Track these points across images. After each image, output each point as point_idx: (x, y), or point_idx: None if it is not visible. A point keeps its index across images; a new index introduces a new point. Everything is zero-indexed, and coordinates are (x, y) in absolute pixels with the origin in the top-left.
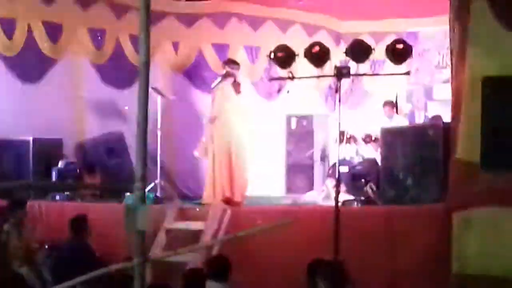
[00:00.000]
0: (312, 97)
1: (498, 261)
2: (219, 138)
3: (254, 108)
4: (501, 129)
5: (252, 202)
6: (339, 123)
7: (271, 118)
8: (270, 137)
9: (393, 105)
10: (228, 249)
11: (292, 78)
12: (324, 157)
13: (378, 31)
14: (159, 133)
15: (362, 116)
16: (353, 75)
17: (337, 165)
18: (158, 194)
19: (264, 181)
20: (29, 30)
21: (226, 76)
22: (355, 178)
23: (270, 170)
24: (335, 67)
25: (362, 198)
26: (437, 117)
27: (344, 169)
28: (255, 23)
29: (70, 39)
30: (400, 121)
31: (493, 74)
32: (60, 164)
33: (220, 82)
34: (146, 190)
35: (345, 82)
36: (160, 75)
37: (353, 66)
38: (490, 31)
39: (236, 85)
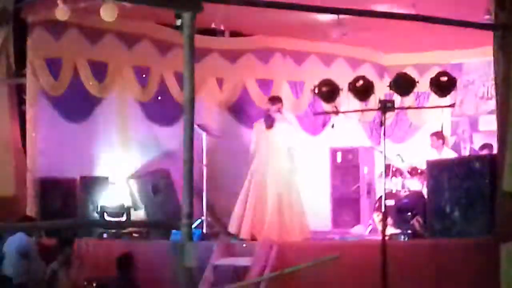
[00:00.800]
0: (357, 131)
1: None
2: (257, 173)
3: (298, 143)
4: None
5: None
6: (385, 156)
7: (317, 152)
8: (316, 171)
9: (439, 135)
10: (275, 286)
11: (337, 112)
12: (370, 191)
13: (422, 63)
14: (204, 169)
15: (408, 149)
16: (397, 108)
17: (383, 198)
18: (204, 230)
19: (311, 216)
20: (75, 69)
21: (265, 112)
22: (401, 212)
23: (316, 204)
24: (380, 100)
25: (409, 231)
26: (488, 145)
27: (391, 202)
28: (298, 57)
29: (115, 78)
30: (446, 153)
31: None
32: (108, 201)
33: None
34: (193, 226)
35: (390, 115)
36: (204, 111)
37: (397, 99)
38: None
39: (268, 120)
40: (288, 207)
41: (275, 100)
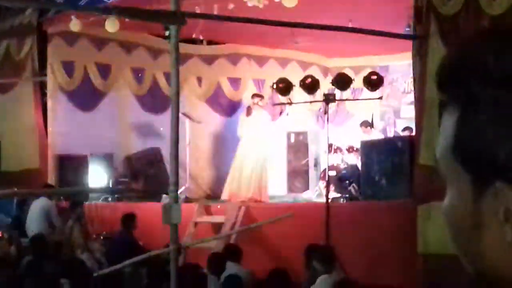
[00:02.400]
0: (306, 118)
1: None
2: (244, 150)
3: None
4: None
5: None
6: (328, 137)
7: (275, 135)
8: (275, 149)
9: (367, 124)
10: (243, 237)
11: (291, 103)
12: (316, 164)
13: (357, 65)
14: (187, 148)
15: (346, 132)
16: (338, 100)
17: (327, 170)
18: (187, 195)
19: (271, 184)
20: (85, 70)
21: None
22: (341, 180)
23: (275, 175)
24: (324, 94)
25: (347, 195)
26: (408, 128)
27: (333, 173)
28: (260, 61)
29: (117, 77)
30: (376, 135)
31: None
32: (112, 173)
33: None
34: (179, 192)
35: (332, 106)
36: (187, 103)
37: (338, 93)
38: None
39: (248, 110)
40: (256, 177)
41: (254, 96)
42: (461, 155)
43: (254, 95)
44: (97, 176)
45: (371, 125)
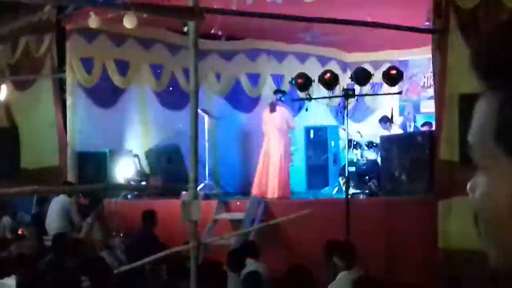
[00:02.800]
0: (325, 113)
1: (473, 238)
2: (269, 147)
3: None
4: None
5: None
6: (347, 133)
7: (295, 130)
8: (294, 145)
9: (386, 120)
10: (262, 234)
11: (310, 98)
12: (336, 160)
13: (376, 60)
14: (206, 144)
15: (365, 127)
16: (357, 95)
17: (346, 166)
18: (207, 191)
19: (291, 180)
20: (104, 67)
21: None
22: (361, 176)
23: (294, 171)
24: (343, 89)
25: (367, 191)
26: (428, 123)
27: (352, 169)
28: (280, 56)
29: (135, 73)
30: (395, 130)
31: (467, 91)
32: (131, 169)
33: None
34: (198, 188)
35: (351, 101)
36: (206, 99)
37: (357, 88)
38: (463, 57)
39: (271, 106)
40: (281, 173)
41: (277, 92)
42: (504, 142)
43: (277, 91)
44: (117, 173)
45: (390, 120)
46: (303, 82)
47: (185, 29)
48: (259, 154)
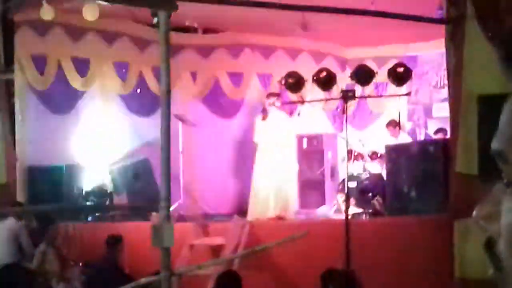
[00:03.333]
0: (321, 119)
1: None
2: (264, 160)
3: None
4: None
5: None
6: (347, 142)
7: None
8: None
9: (395, 124)
10: (248, 261)
11: (302, 101)
12: (334, 174)
13: (381, 56)
14: (181, 156)
15: (368, 136)
16: (358, 97)
17: (346, 181)
18: (181, 212)
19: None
20: (59, 65)
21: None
22: (363, 192)
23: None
24: (342, 90)
25: (370, 210)
26: (442, 130)
27: (353, 184)
28: (266, 52)
29: (96, 73)
30: (403, 138)
31: (487, 91)
32: (91, 187)
33: None
34: (171, 209)
35: (351, 104)
36: (180, 103)
37: (358, 89)
38: (483, 51)
39: (264, 112)
40: (281, 191)
41: (270, 95)
42: None
43: (270, 95)
44: (75, 191)
45: (399, 125)
46: (295, 82)
47: (155, 20)
48: (244, 167)
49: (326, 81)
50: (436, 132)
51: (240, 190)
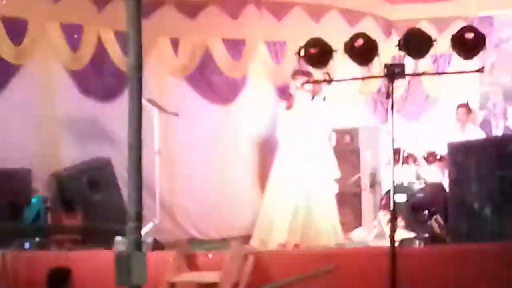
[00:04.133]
0: (356, 106)
1: None
2: (286, 164)
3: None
4: None
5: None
6: (393, 138)
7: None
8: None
9: (469, 108)
10: None
11: (330, 81)
12: (374, 183)
13: (441, 17)
14: (157, 157)
15: (423, 129)
16: (409, 75)
17: (391, 193)
18: (157, 237)
19: None
20: None
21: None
22: (416, 210)
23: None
24: (386, 65)
25: (426, 235)
26: None
27: (402, 198)
28: (278, 10)
29: (37, 39)
30: (474, 133)
31: None
32: (30, 202)
33: None
34: (142, 232)
35: (400, 85)
36: (156, 82)
37: (409, 63)
38: None
39: (288, 98)
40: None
41: (297, 74)
42: None
43: (297, 74)
44: (6, 206)
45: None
46: (319, 54)
47: None
48: (247, 174)
49: (363, 51)
50: None
51: (241, 207)
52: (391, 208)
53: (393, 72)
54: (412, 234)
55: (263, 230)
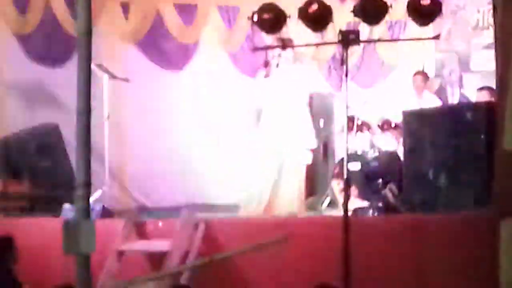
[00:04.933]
0: (310, 72)
1: None
2: (269, 134)
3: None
4: None
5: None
6: (347, 105)
7: (257, 101)
8: (255, 125)
9: (426, 76)
10: (202, 275)
11: (284, 46)
12: (327, 152)
13: None
14: (106, 123)
15: (378, 97)
16: (364, 41)
17: (345, 161)
18: (106, 204)
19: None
20: None
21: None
22: (369, 179)
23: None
24: (340, 31)
25: (380, 204)
26: (487, 88)
27: (355, 166)
28: None
29: None
30: (430, 100)
31: None
32: None
33: None
34: (91, 199)
35: (355, 51)
36: (106, 47)
37: (364, 29)
38: None
39: (265, 66)
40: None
41: (278, 41)
42: None
43: (278, 41)
44: None
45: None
46: (272, 19)
47: None
48: (201, 141)
49: (317, 17)
50: (480, 90)
51: (190, 175)
52: (345, 177)
53: (348, 38)
54: (365, 203)
55: (248, 198)
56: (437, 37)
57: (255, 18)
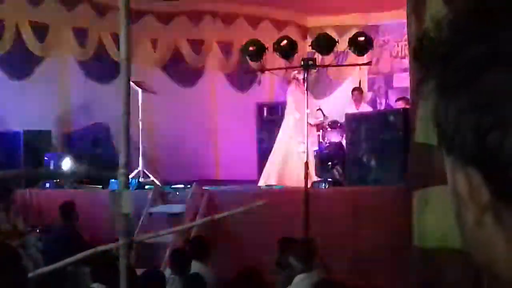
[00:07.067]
0: (281, 88)
1: (453, 234)
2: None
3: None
4: None
5: (228, 186)
6: (307, 111)
7: (244, 108)
8: (244, 125)
9: (361, 90)
10: (206, 230)
11: (263, 70)
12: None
13: (342, 25)
14: (140, 124)
15: (327, 104)
16: (318, 66)
17: (306, 150)
18: (140, 179)
19: (239, 167)
20: (17, 30)
21: None
22: (322, 161)
23: (244, 156)
24: (302, 59)
25: (330, 179)
26: (403, 99)
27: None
28: (227, 19)
29: (56, 38)
30: (364, 108)
31: None
32: (50, 154)
33: None
34: (130, 176)
35: (312, 73)
36: (140, 70)
37: (319, 57)
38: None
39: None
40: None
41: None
42: None
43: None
44: (33, 157)
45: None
46: (256, 51)
47: None
48: (205, 134)
49: (287, 49)
50: (398, 100)
51: (197, 157)
52: (305, 159)
53: (308, 64)
54: (320, 179)
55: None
56: (369, 63)
57: (244, 50)
